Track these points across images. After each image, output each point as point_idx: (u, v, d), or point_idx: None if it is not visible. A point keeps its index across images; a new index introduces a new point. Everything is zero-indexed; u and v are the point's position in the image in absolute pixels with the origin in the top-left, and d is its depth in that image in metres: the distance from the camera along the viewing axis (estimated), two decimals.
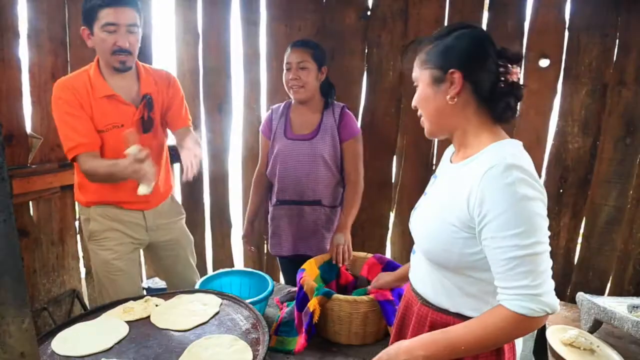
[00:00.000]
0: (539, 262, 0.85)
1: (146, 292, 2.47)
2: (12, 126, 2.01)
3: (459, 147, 1.05)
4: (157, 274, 2.62)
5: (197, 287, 1.71)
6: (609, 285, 2.28)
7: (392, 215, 2.61)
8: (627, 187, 2.15)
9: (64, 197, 2.29)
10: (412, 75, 1.06)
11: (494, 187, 0.87)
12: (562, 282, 2.33)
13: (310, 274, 1.62)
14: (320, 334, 1.52)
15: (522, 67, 2.14)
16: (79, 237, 2.40)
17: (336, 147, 1.97)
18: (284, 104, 2.09)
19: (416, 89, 1.06)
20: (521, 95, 0.97)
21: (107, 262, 1.74)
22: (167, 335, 1.34)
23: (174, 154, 1.91)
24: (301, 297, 1.51)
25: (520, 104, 1.00)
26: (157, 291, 2.34)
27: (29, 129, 2.12)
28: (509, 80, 0.95)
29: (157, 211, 1.84)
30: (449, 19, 2.29)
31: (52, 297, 2.30)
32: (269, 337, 1.28)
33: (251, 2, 2.52)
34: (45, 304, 2.24)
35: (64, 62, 2.19)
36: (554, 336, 1.69)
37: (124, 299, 1.55)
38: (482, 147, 0.97)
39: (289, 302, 1.74)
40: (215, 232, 2.90)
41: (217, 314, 1.45)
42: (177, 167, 2.76)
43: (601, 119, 2.14)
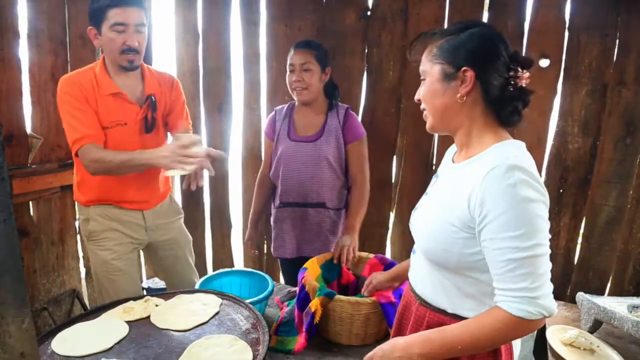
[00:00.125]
0: (539, 264, 0.84)
1: (146, 292, 2.47)
2: (12, 126, 2.02)
3: (461, 146, 1.04)
4: (157, 273, 2.62)
5: (197, 287, 1.71)
6: (609, 285, 2.28)
7: (392, 215, 2.61)
8: (627, 187, 2.15)
9: (64, 197, 2.30)
10: (420, 68, 1.04)
11: (495, 187, 0.86)
12: (562, 282, 2.33)
13: (311, 273, 1.62)
14: (320, 334, 1.51)
15: None
16: (79, 237, 2.40)
17: (340, 149, 1.95)
18: (287, 105, 2.07)
19: (421, 82, 1.04)
20: (529, 101, 0.96)
21: (106, 262, 1.74)
22: (167, 335, 1.34)
23: None
24: (302, 296, 1.51)
25: None
26: (157, 291, 2.34)
27: (29, 129, 2.12)
28: (518, 84, 0.94)
29: (156, 211, 1.85)
30: (449, 19, 2.29)
31: (52, 297, 2.30)
32: (269, 337, 1.28)
33: (251, 2, 2.52)
34: (45, 304, 2.24)
35: (64, 62, 2.20)
36: (554, 336, 1.69)
37: (124, 299, 1.55)
38: (485, 147, 0.96)
39: (289, 302, 1.73)
40: (215, 232, 2.90)
41: (217, 314, 1.45)
42: None
43: (601, 119, 2.14)
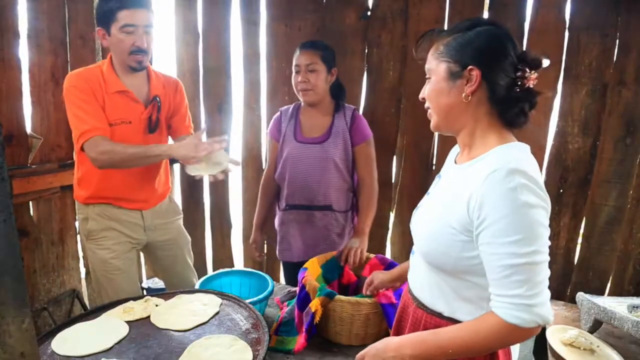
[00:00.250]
0: (537, 271, 0.83)
1: (146, 292, 2.47)
2: (12, 126, 2.01)
3: (463, 147, 1.03)
4: (156, 273, 2.62)
5: (197, 287, 1.71)
6: (609, 285, 2.27)
7: (392, 215, 2.61)
8: (627, 187, 2.15)
9: (64, 197, 2.29)
10: (425, 66, 1.02)
11: (495, 191, 0.85)
12: (562, 282, 2.32)
13: (312, 272, 1.62)
14: (321, 334, 1.51)
15: None
16: (79, 237, 2.40)
17: (348, 151, 1.93)
18: (293, 105, 2.05)
19: (426, 81, 1.02)
20: (535, 102, 0.94)
21: (105, 261, 1.75)
22: (167, 335, 1.34)
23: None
24: (303, 296, 1.51)
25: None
26: (157, 291, 2.34)
27: (29, 129, 2.12)
28: (525, 85, 0.92)
29: (155, 211, 1.85)
30: (449, 19, 2.29)
31: (52, 297, 2.30)
32: (269, 337, 1.28)
33: (251, 2, 2.52)
34: (45, 304, 2.24)
35: (64, 62, 2.19)
36: (554, 336, 1.68)
37: (124, 299, 1.55)
38: (488, 149, 0.94)
39: (289, 302, 1.73)
40: (215, 232, 2.90)
41: (217, 314, 1.45)
42: (177, 167, 2.77)
43: (601, 119, 2.13)
